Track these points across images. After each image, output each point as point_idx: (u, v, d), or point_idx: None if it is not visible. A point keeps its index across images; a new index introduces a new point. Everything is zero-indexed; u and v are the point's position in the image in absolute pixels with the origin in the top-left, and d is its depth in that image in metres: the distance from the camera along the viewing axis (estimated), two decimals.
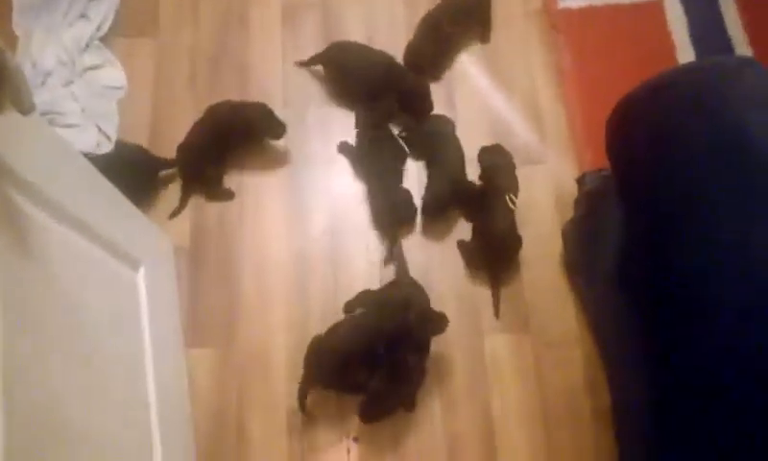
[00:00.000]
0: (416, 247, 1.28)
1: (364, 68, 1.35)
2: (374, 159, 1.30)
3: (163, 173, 1.33)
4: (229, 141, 1.32)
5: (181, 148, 1.32)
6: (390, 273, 1.26)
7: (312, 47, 1.42)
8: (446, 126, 1.33)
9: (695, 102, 0.79)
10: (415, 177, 1.34)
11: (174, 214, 1.31)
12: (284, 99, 1.40)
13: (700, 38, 1.42)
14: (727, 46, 1.41)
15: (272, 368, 1.21)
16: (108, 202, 1.00)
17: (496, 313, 1.24)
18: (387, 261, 1.26)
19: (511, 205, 1.24)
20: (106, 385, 0.85)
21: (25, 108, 0.59)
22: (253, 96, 1.39)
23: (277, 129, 1.31)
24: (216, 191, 1.32)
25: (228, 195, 1.32)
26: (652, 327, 0.84)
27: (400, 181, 1.31)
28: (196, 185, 1.32)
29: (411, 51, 1.38)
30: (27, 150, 0.72)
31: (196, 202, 1.33)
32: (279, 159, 1.36)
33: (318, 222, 1.31)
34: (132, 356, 0.98)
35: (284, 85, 1.41)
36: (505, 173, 1.28)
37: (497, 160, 1.30)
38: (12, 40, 1.38)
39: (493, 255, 1.25)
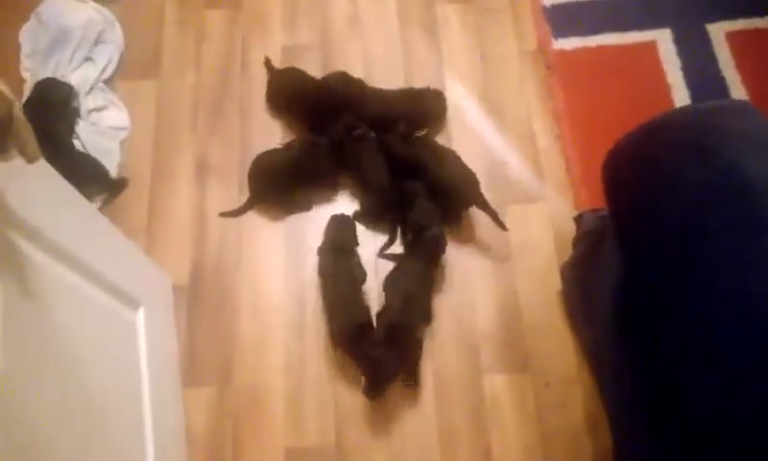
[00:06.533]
0: None
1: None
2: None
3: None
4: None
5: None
6: None
7: None
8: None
9: (690, 144, 0.79)
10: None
11: (226, 214, 1.35)
12: (284, 138, 1.41)
13: (694, 78, 1.44)
14: (721, 85, 1.43)
15: (268, 411, 1.20)
16: (109, 243, 1.01)
17: (502, 226, 1.29)
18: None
19: (406, 129, 1.32)
20: (102, 427, 0.85)
21: (30, 157, 0.60)
22: (255, 136, 1.41)
23: None
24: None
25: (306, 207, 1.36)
26: (651, 370, 0.84)
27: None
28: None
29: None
30: (31, 195, 0.73)
31: (196, 240, 1.34)
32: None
33: (315, 262, 1.30)
34: (129, 398, 0.98)
35: (284, 125, 1.43)
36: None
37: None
38: (20, 84, 1.42)
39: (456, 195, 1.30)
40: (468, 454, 1.17)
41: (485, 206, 1.28)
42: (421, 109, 1.40)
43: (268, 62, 1.47)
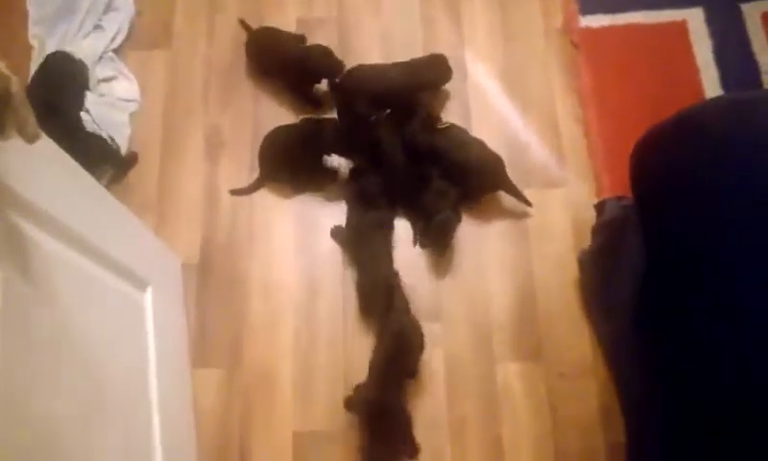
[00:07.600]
0: (427, 275, 1.26)
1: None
2: (362, 245, 1.25)
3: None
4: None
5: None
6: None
7: None
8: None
9: (724, 138, 0.76)
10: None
11: (237, 192, 1.32)
12: (297, 114, 1.38)
13: (725, 61, 1.38)
14: (753, 70, 1.36)
15: (277, 394, 1.20)
16: (117, 223, 0.99)
17: (527, 202, 1.28)
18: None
19: (443, 124, 1.30)
20: (108, 408, 0.84)
21: (29, 136, 0.57)
22: (268, 111, 1.38)
23: None
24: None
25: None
26: (668, 367, 0.81)
27: (387, 265, 1.23)
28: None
29: None
30: (34, 174, 0.70)
31: (206, 217, 1.31)
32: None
33: (326, 242, 1.29)
34: (136, 378, 0.97)
35: (296, 100, 1.39)
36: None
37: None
38: (27, 50, 1.39)
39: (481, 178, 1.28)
40: (478, 443, 1.16)
41: (511, 190, 1.27)
42: (425, 76, 1.35)
43: (244, 23, 1.43)
